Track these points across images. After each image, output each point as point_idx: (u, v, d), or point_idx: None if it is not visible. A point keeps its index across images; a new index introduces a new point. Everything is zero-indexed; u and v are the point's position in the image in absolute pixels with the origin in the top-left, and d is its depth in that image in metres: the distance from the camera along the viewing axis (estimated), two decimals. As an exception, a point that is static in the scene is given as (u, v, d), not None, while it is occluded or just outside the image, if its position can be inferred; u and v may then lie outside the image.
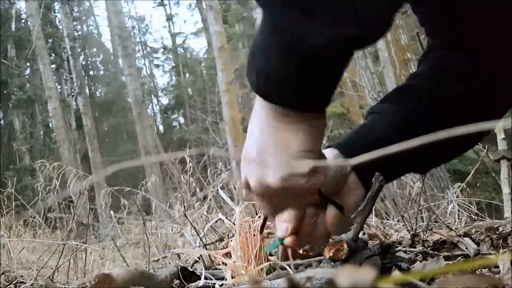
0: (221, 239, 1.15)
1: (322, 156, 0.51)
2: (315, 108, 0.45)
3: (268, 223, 0.58)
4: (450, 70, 0.67)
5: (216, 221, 1.26)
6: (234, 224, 0.61)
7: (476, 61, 0.66)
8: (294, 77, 0.42)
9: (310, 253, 0.66)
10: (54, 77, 12.09)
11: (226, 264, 0.60)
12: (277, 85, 0.44)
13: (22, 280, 0.93)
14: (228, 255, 0.60)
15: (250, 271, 0.56)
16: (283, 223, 0.56)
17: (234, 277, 0.57)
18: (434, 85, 0.67)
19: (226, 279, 0.58)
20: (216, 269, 0.72)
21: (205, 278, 0.63)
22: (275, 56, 0.42)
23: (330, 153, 0.60)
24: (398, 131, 0.60)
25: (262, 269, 0.57)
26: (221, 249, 0.72)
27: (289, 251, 0.55)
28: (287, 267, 0.60)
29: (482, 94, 0.65)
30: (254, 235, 0.58)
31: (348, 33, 0.39)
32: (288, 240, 0.56)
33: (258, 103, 0.48)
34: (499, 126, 1.39)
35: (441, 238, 0.86)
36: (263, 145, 0.47)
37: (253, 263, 0.56)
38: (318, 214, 0.58)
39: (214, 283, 0.58)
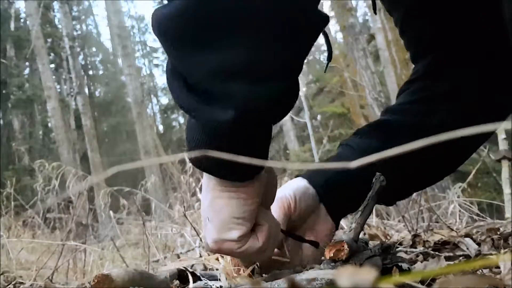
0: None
1: (265, 220, 0.52)
2: (241, 179, 0.47)
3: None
4: (430, 102, 0.68)
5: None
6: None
7: (458, 89, 0.67)
8: (213, 151, 0.45)
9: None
10: (53, 77, 12.09)
11: (217, 269, 0.60)
12: (202, 159, 0.47)
13: (21, 281, 0.93)
14: (218, 259, 0.61)
15: (241, 273, 0.56)
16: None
17: (227, 279, 0.57)
18: (410, 120, 0.67)
19: (220, 280, 0.58)
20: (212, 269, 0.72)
21: (204, 278, 0.63)
22: (194, 133, 0.45)
23: (299, 184, 0.62)
24: (369, 165, 0.60)
25: (254, 271, 0.58)
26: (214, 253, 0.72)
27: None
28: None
29: (465, 121, 0.65)
30: None
31: (228, 116, 0.40)
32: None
33: None
34: (500, 127, 1.39)
35: (442, 238, 0.86)
36: (204, 209, 0.51)
37: (242, 267, 0.57)
38: (297, 246, 0.60)
39: (212, 285, 0.58)
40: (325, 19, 0.42)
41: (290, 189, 0.60)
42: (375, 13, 0.66)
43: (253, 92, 0.40)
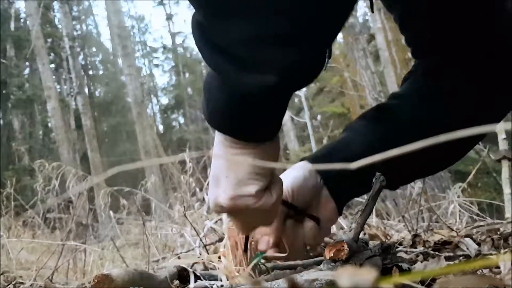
0: (221, 239, 1.15)
1: (276, 178, 0.53)
2: (260, 140, 0.48)
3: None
4: (431, 94, 0.69)
5: (216, 222, 1.26)
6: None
7: (457, 86, 0.68)
8: (236, 114, 0.46)
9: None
10: (53, 77, 12.09)
11: (218, 268, 0.60)
12: (223, 119, 0.48)
13: (21, 281, 0.93)
14: (220, 258, 0.61)
15: (242, 273, 0.57)
16: (265, 236, 0.60)
17: (228, 279, 0.58)
18: (413, 106, 0.68)
19: (221, 280, 0.58)
20: (213, 269, 0.72)
21: (204, 278, 0.63)
22: (218, 95, 0.46)
23: (304, 166, 0.62)
24: (373, 148, 0.60)
25: (255, 271, 0.58)
26: (214, 253, 0.72)
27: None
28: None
29: (464, 118, 0.65)
30: (243, 238, 0.59)
31: (267, 82, 0.41)
32: (269, 253, 0.60)
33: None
34: (500, 127, 1.39)
35: (442, 238, 0.86)
36: (217, 167, 0.51)
37: (244, 266, 0.57)
38: (297, 226, 0.61)
39: (213, 284, 0.58)
40: None
41: (289, 182, 0.60)
42: (373, 11, 0.67)
43: (292, 58, 0.40)
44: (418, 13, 0.69)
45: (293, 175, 0.62)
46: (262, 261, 0.61)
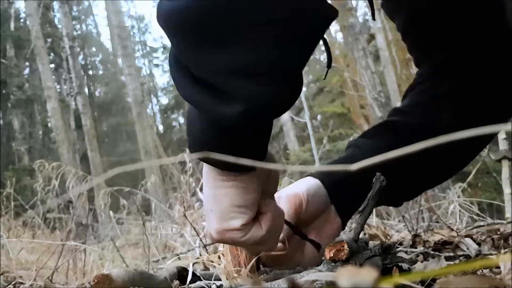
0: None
1: (269, 207, 0.52)
2: (240, 170, 0.48)
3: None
4: (435, 103, 0.69)
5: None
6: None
7: (461, 91, 0.68)
8: (213, 144, 0.46)
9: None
10: (53, 77, 12.09)
11: (217, 268, 0.60)
12: (202, 149, 0.47)
13: (21, 281, 0.93)
14: (220, 258, 0.61)
15: (241, 273, 0.57)
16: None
17: (227, 279, 0.58)
18: (417, 121, 0.68)
19: (220, 280, 0.58)
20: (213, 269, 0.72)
21: (204, 278, 0.63)
22: (197, 126, 0.46)
23: (311, 182, 0.62)
24: (376, 165, 0.60)
25: (254, 271, 0.58)
26: (214, 253, 0.72)
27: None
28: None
29: (469, 124, 0.65)
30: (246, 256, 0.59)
31: (235, 111, 0.41)
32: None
33: None
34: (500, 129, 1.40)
35: (442, 238, 0.86)
36: (206, 199, 0.51)
37: (243, 266, 0.57)
38: (298, 247, 0.61)
39: (213, 284, 0.58)
40: (333, 12, 0.41)
41: (304, 187, 0.60)
42: (374, 19, 0.67)
43: (258, 90, 0.40)
44: (421, 18, 0.69)
45: (308, 182, 0.62)
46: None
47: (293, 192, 0.59)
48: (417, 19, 0.69)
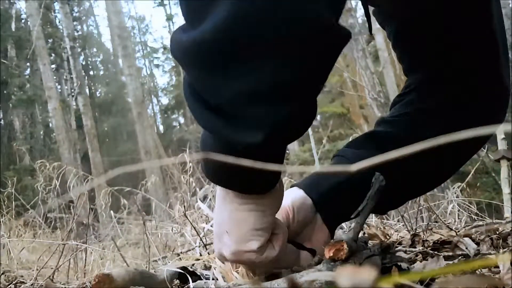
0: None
1: (278, 228, 0.54)
2: (260, 191, 0.49)
3: None
4: (420, 116, 0.69)
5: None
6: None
7: (448, 104, 0.68)
8: (232, 169, 0.46)
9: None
10: (54, 77, 12.09)
11: (216, 268, 0.61)
12: (220, 174, 0.49)
13: (22, 280, 0.93)
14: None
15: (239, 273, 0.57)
16: None
17: (227, 279, 0.58)
18: (401, 133, 0.68)
19: (219, 280, 0.58)
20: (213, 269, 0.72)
21: (205, 278, 0.63)
22: (213, 151, 0.46)
23: (295, 193, 0.63)
24: (361, 175, 0.61)
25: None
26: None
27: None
28: None
29: (455, 144, 0.65)
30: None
31: (256, 139, 0.41)
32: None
33: None
34: (499, 128, 1.40)
35: (441, 238, 0.86)
36: (221, 222, 0.52)
37: (241, 266, 0.57)
38: (294, 253, 0.61)
39: (212, 284, 0.58)
40: (346, 37, 0.42)
41: (289, 200, 0.61)
42: (371, 33, 0.68)
43: (280, 115, 0.41)
44: (410, 30, 0.70)
45: (293, 194, 0.63)
46: None
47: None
48: (407, 30, 0.70)
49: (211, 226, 1.23)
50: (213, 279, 0.60)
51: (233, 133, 0.42)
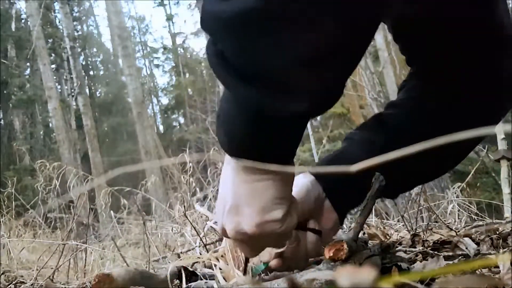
0: (221, 239, 1.15)
1: (293, 198, 0.55)
2: (281, 163, 0.49)
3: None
4: (427, 102, 0.70)
5: (216, 222, 1.26)
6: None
7: (451, 91, 0.69)
8: (260, 141, 0.46)
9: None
10: (54, 77, 12.10)
11: (217, 268, 0.61)
12: (245, 147, 0.48)
13: (22, 280, 0.93)
14: (218, 259, 0.62)
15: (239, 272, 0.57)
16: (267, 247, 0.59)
17: (226, 279, 0.58)
18: (411, 115, 0.69)
19: (219, 280, 0.58)
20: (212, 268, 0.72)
21: (205, 278, 0.63)
22: (242, 124, 0.46)
23: (305, 177, 0.63)
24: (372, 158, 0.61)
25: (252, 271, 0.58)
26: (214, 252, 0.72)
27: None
28: None
29: (462, 122, 0.66)
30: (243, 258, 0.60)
31: (299, 109, 0.42)
32: (272, 263, 0.61)
33: (228, 156, 0.51)
34: (499, 128, 1.40)
35: (441, 238, 0.86)
36: (237, 195, 0.51)
37: (242, 267, 0.57)
38: (299, 238, 0.62)
39: (212, 284, 0.58)
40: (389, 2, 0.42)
41: (299, 183, 0.61)
42: None
43: (324, 84, 0.41)
44: (409, 24, 0.70)
45: (302, 178, 0.63)
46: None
47: None
48: (405, 25, 0.70)
49: (215, 222, 1.23)
50: (213, 278, 0.60)
51: (276, 101, 0.41)
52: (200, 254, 0.96)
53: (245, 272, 0.59)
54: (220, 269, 0.60)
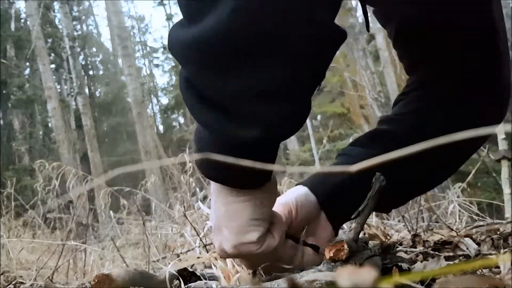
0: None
1: (277, 218, 0.55)
2: (254, 185, 0.50)
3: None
4: (425, 114, 0.69)
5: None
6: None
7: (450, 102, 0.69)
8: (227, 164, 0.46)
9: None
10: (54, 77, 12.09)
11: (216, 268, 0.61)
12: (216, 170, 0.49)
13: (22, 281, 0.93)
14: (217, 259, 0.62)
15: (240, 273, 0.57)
16: None
17: (226, 280, 0.58)
18: (407, 131, 0.68)
19: (219, 280, 0.58)
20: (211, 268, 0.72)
21: (205, 278, 0.63)
22: (209, 148, 0.47)
23: (300, 191, 0.63)
24: (366, 173, 0.61)
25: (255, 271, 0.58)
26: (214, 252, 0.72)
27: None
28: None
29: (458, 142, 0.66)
30: None
31: (253, 136, 0.43)
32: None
33: None
34: (499, 128, 1.40)
35: (441, 238, 0.86)
36: (218, 216, 0.52)
37: (242, 267, 0.57)
38: (297, 249, 0.61)
39: (212, 284, 0.58)
40: (342, 36, 0.43)
41: (292, 196, 0.61)
42: (368, 31, 0.68)
43: (277, 112, 0.42)
44: (410, 29, 0.70)
45: (297, 191, 0.63)
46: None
47: (283, 201, 0.60)
48: (407, 29, 0.70)
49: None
50: (213, 279, 0.60)
51: (231, 128, 0.43)
52: (200, 253, 0.96)
53: (254, 273, 0.59)
54: (220, 269, 0.60)
